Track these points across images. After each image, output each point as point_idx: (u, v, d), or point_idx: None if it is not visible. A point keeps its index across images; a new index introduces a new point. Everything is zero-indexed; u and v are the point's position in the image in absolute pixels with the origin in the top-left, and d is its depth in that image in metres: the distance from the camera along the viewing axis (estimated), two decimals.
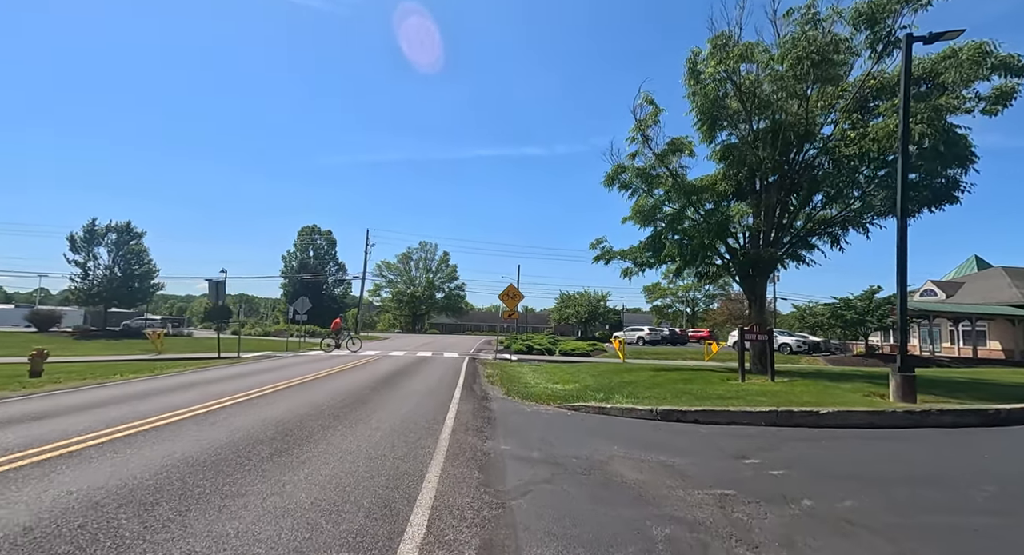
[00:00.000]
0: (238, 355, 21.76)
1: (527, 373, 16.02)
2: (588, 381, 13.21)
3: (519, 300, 21.28)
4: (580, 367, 17.97)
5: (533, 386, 12.45)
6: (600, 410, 8.90)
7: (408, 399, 10.08)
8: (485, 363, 20.47)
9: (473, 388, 12.34)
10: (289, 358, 21.88)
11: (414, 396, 10.54)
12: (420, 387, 12.12)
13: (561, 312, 51.86)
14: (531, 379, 14.15)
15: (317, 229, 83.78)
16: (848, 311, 32.16)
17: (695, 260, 13.62)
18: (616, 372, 15.35)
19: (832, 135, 12.17)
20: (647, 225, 15.92)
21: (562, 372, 16.11)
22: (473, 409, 9.18)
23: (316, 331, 46.77)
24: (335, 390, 11.00)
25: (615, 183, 15.84)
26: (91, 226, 34.76)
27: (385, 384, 12.45)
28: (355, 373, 14.94)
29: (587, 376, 14.51)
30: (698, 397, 9.51)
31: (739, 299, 63.73)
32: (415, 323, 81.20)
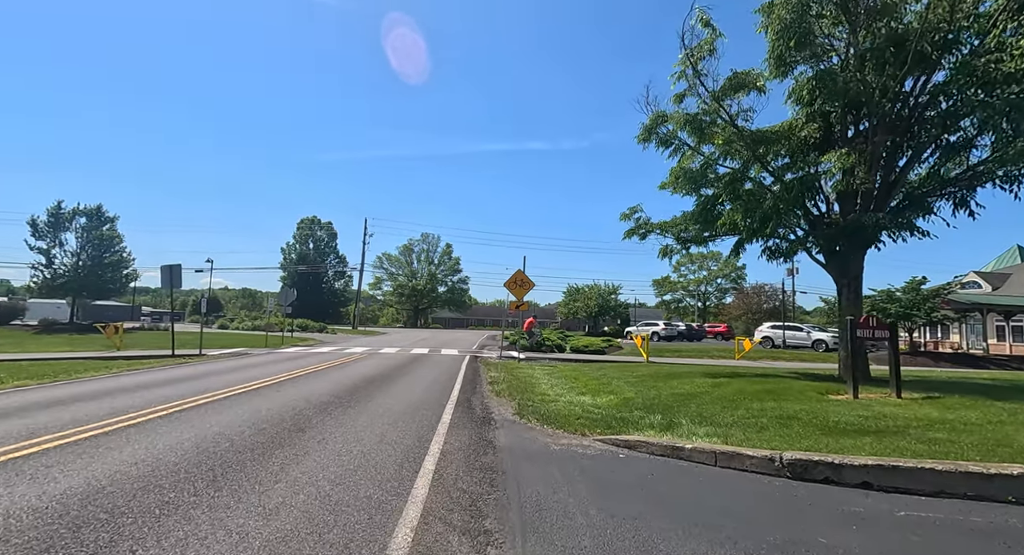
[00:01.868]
0: (199, 353, 18.42)
1: (541, 378, 12.59)
2: (626, 391, 9.77)
3: (528, 288, 17.91)
4: (606, 369, 14.53)
5: (554, 399, 9.03)
6: (672, 451, 5.44)
7: (372, 426, 6.67)
8: (488, 363, 17.05)
9: (472, 403, 8.92)
10: (261, 356, 18.54)
11: (383, 419, 7.12)
12: (399, 401, 8.72)
13: (569, 306, 48.44)
14: (549, 387, 10.73)
15: (317, 221, 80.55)
16: (892, 304, 28.55)
17: (764, 230, 10.14)
18: (655, 377, 11.90)
19: (983, 46, 8.65)
20: (691, 192, 12.42)
21: (586, 376, 12.67)
22: (468, 447, 5.76)
23: (309, 325, 43.52)
24: (273, 407, 7.61)
25: (652, 138, 12.31)
26: (56, 209, 31.34)
27: (353, 395, 9.05)
28: (322, 378, 11.56)
29: (622, 383, 11.06)
30: (825, 428, 6.04)
31: (755, 293, 60.11)
32: (417, 317, 77.94)
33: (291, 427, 6.31)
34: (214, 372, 12.44)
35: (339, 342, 29.32)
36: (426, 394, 9.64)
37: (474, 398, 9.49)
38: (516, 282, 17.86)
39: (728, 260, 73.83)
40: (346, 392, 9.44)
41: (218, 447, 5.21)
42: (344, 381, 11.02)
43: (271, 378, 11.12)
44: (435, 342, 31.15)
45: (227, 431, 5.95)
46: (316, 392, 9.25)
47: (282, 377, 11.36)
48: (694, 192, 12.48)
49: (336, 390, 9.61)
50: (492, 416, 7.71)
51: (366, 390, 9.83)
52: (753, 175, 11.09)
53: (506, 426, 7.03)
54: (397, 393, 9.60)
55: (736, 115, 10.95)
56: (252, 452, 5.09)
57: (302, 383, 10.53)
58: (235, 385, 9.86)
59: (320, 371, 12.98)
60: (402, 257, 78.22)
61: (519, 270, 18.02)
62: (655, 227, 12.46)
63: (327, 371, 13.05)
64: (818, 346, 29.92)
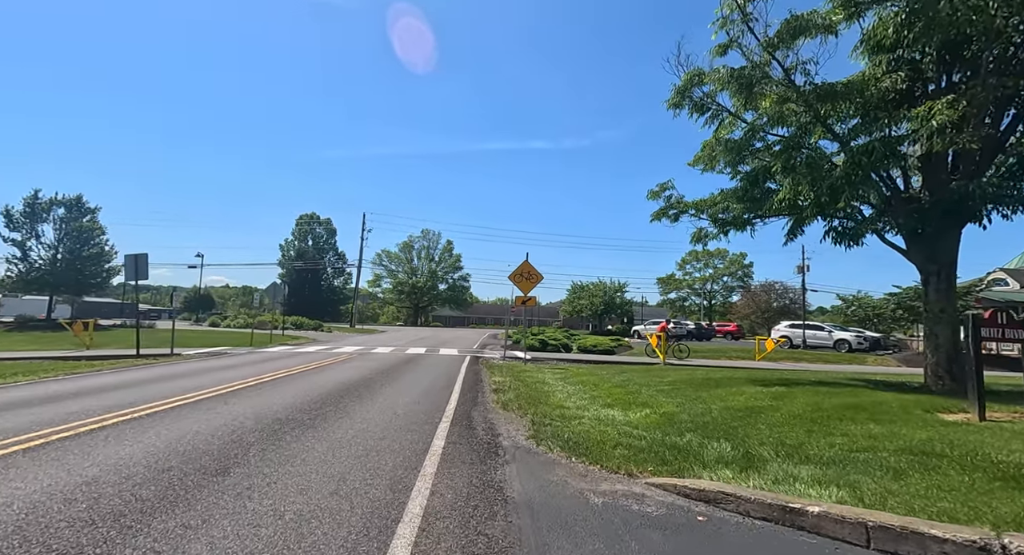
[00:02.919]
0: (171, 352, 16.47)
1: (554, 383, 10.63)
2: (664, 403, 7.80)
3: (536, 282, 15.95)
4: (626, 372, 12.54)
5: (576, 414, 7.07)
6: (783, 515, 3.47)
7: (332, 461, 4.71)
8: (491, 365, 15.09)
9: (472, 419, 6.96)
10: (239, 356, 16.61)
11: (351, 449, 5.16)
12: (379, 417, 6.75)
13: (573, 303, 46.44)
14: (566, 397, 8.76)
15: (316, 217, 78.65)
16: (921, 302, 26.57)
17: (833, 205, 8.12)
18: (691, 384, 9.92)
19: None
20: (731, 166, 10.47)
21: (606, 382, 10.69)
22: (467, 500, 3.80)
23: (304, 323, 41.57)
24: (206, 430, 5.65)
25: (685, 103, 10.33)
26: (33, 199, 29.18)
27: (320, 410, 7.09)
28: (293, 384, 9.60)
29: (653, 391, 9.08)
30: (1000, 474, 4.06)
31: (764, 291, 58.05)
32: (417, 315, 75.97)
33: (211, 467, 4.34)
34: (169, 376, 10.50)
35: (332, 341, 27.38)
36: (415, 406, 7.68)
37: (475, 412, 7.53)
38: (522, 275, 15.89)
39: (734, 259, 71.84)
40: (314, 405, 7.47)
41: (63, 516, 3.25)
42: (317, 389, 9.05)
43: (230, 385, 9.17)
44: (434, 341, 29.20)
45: (110, 476, 4.00)
46: (275, 405, 7.29)
47: (245, 383, 9.41)
48: (733, 167, 10.52)
49: (302, 402, 7.65)
50: (499, 441, 5.74)
51: (341, 402, 7.86)
52: (812, 141, 9.14)
53: (519, 458, 5.07)
54: (379, 405, 7.64)
55: (792, 68, 8.97)
56: (115, 523, 3.13)
57: (266, 391, 8.58)
58: (179, 395, 7.90)
59: (295, 375, 11.02)
60: (402, 254, 76.26)
61: (525, 261, 16.06)
62: (689, 207, 10.48)
63: (304, 375, 11.09)
64: (840, 346, 27.92)
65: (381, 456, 4.88)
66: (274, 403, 7.41)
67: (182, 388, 8.62)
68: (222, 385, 9.04)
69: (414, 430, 6.05)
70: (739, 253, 67.86)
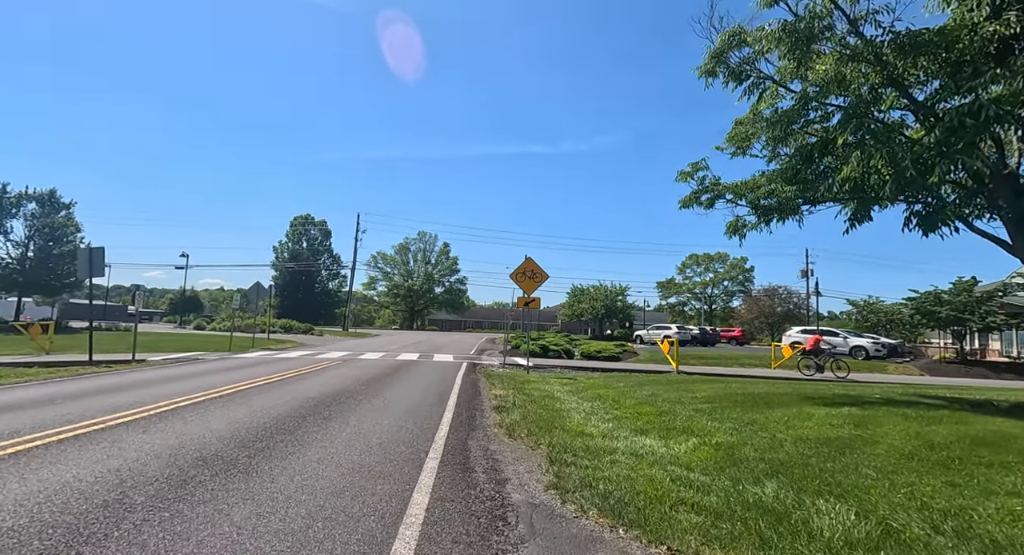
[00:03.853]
0: (132, 358, 14.63)
1: (567, 400, 8.89)
2: (713, 430, 6.07)
3: (541, 281, 14.23)
4: (646, 384, 10.78)
5: (605, 447, 5.34)
6: None
7: (255, 539, 2.96)
8: (491, 374, 13.34)
9: (470, 454, 5.21)
10: (210, 362, 14.82)
11: (291, 511, 3.41)
12: (341, 455, 5.00)
13: (573, 307, 44.72)
14: (584, 418, 7.03)
15: (311, 219, 76.80)
16: (941, 307, 24.97)
17: (921, 182, 6.44)
18: (734, 402, 8.19)
19: None
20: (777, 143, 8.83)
21: (627, 397, 8.95)
22: None
23: (294, 326, 39.69)
24: (104, 475, 3.90)
25: (719, 70, 8.69)
26: (1, 192, 27.08)
27: (267, 442, 5.32)
28: (250, 400, 7.81)
29: (690, 411, 7.35)
30: None
31: (767, 295, 56.51)
32: (413, 319, 74.11)
33: None
34: (106, 389, 8.70)
35: (319, 345, 25.57)
36: (397, 433, 5.92)
37: (473, 440, 5.80)
38: (525, 273, 14.16)
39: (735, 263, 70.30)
40: (262, 433, 5.71)
41: None
42: (278, 407, 7.29)
43: (172, 401, 7.38)
44: (429, 346, 27.42)
45: None
46: (209, 433, 5.52)
47: (191, 399, 7.63)
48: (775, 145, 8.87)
49: (249, 428, 5.89)
50: (507, 494, 4.00)
51: (301, 427, 6.09)
52: (883, 108, 7.50)
53: (540, 528, 3.34)
54: (349, 432, 5.89)
55: (861, 18, 7.33)
56: None
57: (212, 410, 6.80)
58: (93, 417, 6.12)
59: (260, 387, 9.24)
60: (398, 256, 74.47)
61: (529, 259, 14.35)
62: (726, 190, 8.81)
63: (270, 387, 9.31)
64: (857, 353, 26.27)
65: (331, 531, 3.13)
66: (210, 430, 5.64)
67: (105, 407, 6.84)
68: (160, 402, 7.26)
69: (389, 476, 4.29)
70: (740, 257, 66.47)
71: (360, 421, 6.50)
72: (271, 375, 11.18)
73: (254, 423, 6.07)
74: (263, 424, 6.05)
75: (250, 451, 4.84)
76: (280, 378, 10.72)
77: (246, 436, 5.41)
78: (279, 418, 6.44)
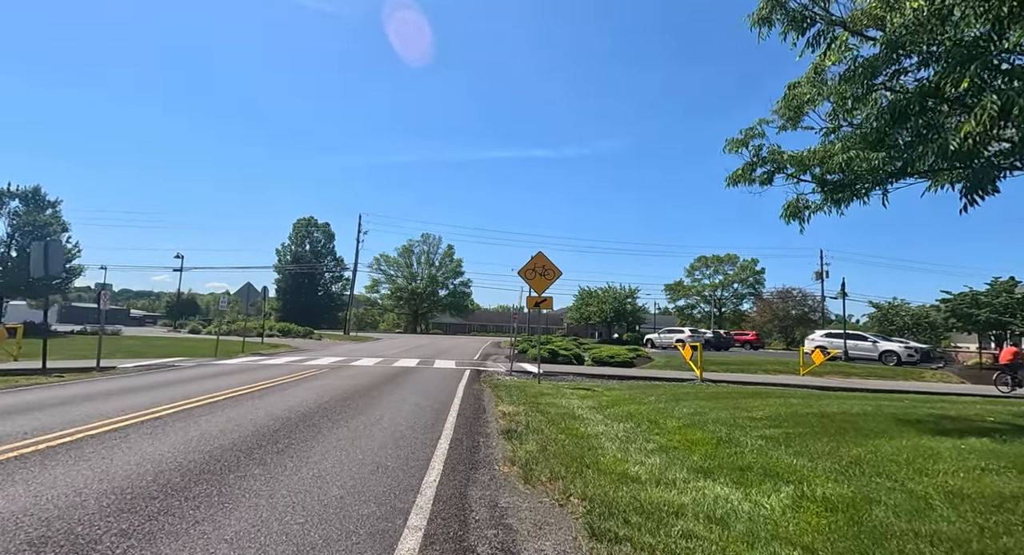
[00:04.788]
0: (97, 365, 13.01)
1: (592, 419, 7.17)
2: (815, 478, 4.33)
3: (554, 278, 12.53)
4: (692, 403, 8.95)
5: (667, 502, 3.64)
6: None
7: None
8: (497, 385, 11.66)
9: (469, 515, 3.50)
10: (187, 370, 13.21)
11: None
12: (295, 510, 3.32)
13: (581, 310, 42.95)
14: (621, 449, 5.32)
15: (314, 221, 75.43)
16: (979, 309, 23.09)
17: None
18: (809, 426, 6.43)
19: None
20: (843, 106, 7.13)
21: (670, 418, 7.20)
22: None
23: (292, 329, 38.14)
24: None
25: (776, 17, 7.03)
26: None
27: (185, 492, 3.65)
28: (210, 418, 6.14)
29: (761, 441, 5.61)
30: None
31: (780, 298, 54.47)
32: (416, 322, 72.51)
33: None
34: (36, 405, 7.06)
35: (315, 350, 23.97)
36: (369, 479, 4.23)
37: (476, 489, 4.10)
38: (536, 270, 12.46)
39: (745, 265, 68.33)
40: (188, 475, 4.03)
41: None
42: (221, 435, 5.61)
43: (85, 428, 5.73)
44: (430, 350, 25.75)
45: None
46: (84, 491, 3.85)
47: (113, 424, 5.97)
48: (851, 106, 7.16)
49: (174, 467, 4.22)
50: None
51: (242, 465, 4.41)
52: (1009, 45, 5.84)
53: None
54: (299, 481, 4.19)
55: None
56: None
57: (128, 442, 5.14)
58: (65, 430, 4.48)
59: (218, 403, 7.59)
60: (401, 258, 72.94)
61: (540, 254, 12.65)
62: (790, 162, 7.11)
63: (232, 403, 7.65)
64: (888, 358, 24.40)
65: None
66: (96, 482, 3.96)
67: (9, 432, 5.19)
68: (70, 429, 5.61)
69: None
70: (750, 259, 64.55)
71: (324, 458, 4.81)
72: (242, 386, 9.52)
73: (174, 464, 4.39)
74: (186, 465, 4.37)
75: (146, 516, 3.16)
76: (251, 390, 9.06)
77: (144, 491, 3.72)
78: (215, 454, 4.77)
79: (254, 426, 5.98)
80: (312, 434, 5.72)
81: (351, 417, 6.86)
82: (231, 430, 5.72)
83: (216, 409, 7.03)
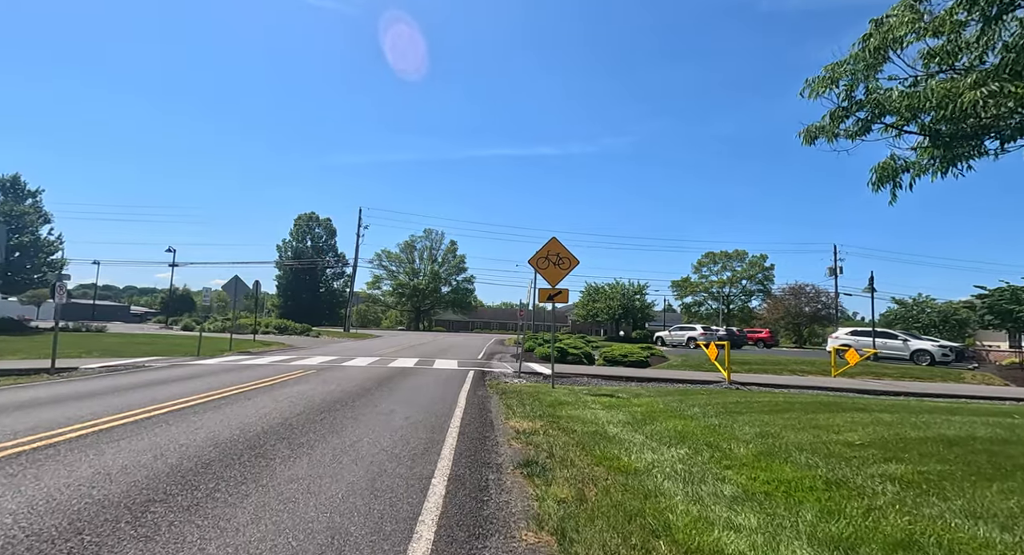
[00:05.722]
0: (51, 366, 11.38)
1: (634, 442, 5.49)
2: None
3: (570, 268, 10.83)
4: (752, 418, 7.24)
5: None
6: None
7: None
8: (505, 389, 10.01)
9: None
10: (154, 372, 11.61)
11: None
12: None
13: (588, 307, 41.23)
14: (690, 495, 3.66)
15: (315, 217, 73.87)
16: (1021, 306, 21.31)
17: None
18: (944, 461, 4.73)
19: None
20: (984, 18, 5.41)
21: (730, 438, 5.52)
22: None
23: (289, 326, 36.56)
24: None
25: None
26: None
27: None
28: (131, 443, 4.53)
29: (896, 487, 3.91)
30: None
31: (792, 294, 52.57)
32: (419, 319, 70.93)
33: None
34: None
35: (307, 348, 22.37)
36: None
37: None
38: (549, 258, 10.78)
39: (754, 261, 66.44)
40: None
41: None
42: (127, 471, 3.97)
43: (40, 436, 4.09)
44: (431, 348, 24.12)
45: None
46: None
47: (27, 444, 4.34)
48: (986, 28, 5.43)
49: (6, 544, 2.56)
50: None
51: (122, 543, 2.76)
52: None
53: None
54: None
55: None
56: None
57: (12, 480, 3.50)
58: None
59: (154, 419, 5.96)
60: (403, 254, 71.33)
61: (554, 240, 10.96)
62: (897, 105, 5.39)
63: (177, 417, 6.02)
64: (920, 358, 22.62)
65: None
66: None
67: None
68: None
69: None
70: (759, 254, 62.66)
71: (256, 520, 3.15)
72: (200, 394, 7.89)
73: (39, 527, 2.73)
74: (53, 528, 2.71)
75: None
76: (208, 399, 7.42)
77: None
78: (83, 516, 3.11)
79: (178, 458, 4.33)
80: (255, 472, 4.07)
81: (319, 440, 5.20)
82: (139, 467, 4.07)
83: (143, 429, 5.38)
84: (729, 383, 14.30)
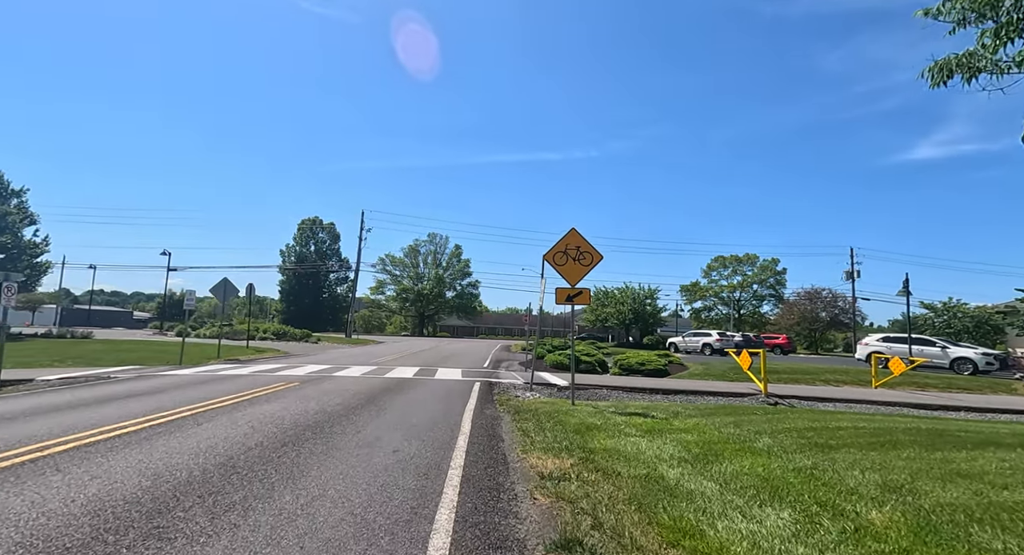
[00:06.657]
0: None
1: (713, 500, 3.87)
2: None
3: (592, 265, 9.24)
4: (858, 456, 5.56)
5: None
6: None
7: None
8: (519, 409, 8.38)
9: None
10: (116, 385, 10.07)
11: None
12: None
13: (597, 312, 39.55)
14: None
15: (319, 222, 72.62)
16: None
17: None
18: None
19: None
20: None
21: (867, 501, 3.90)
22: None
23: (288, 332, 35.07)
24: None
25: None
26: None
27: None
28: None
29: None
30: None
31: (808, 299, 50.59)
32: (423, 325, 69.35)
33: None
34: None
35: (301, 355, 20.81)
36: None
37: None
38: (568, 252, 9.18)
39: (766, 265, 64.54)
40: None
41: None
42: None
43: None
44: (434, 355, 22.52)
45: None
46: None
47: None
48: None
49: None
50: None
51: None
52: None
53: None
54: None
55: None
56: None
57: None
58: None
59: (43, 459, 4.40)
60: (407, 259, 69.89)
61: (573, 231, 9.37)
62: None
63: (84, 456, 4.47)
64: (962, 367, 20.80)
65: None
66: None
67: None
68: None
69: None
70: (771, 258, 60.79)
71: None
72: (145, 417, 6.32)
73: None
74: None
75: None
76: (150, 424, 5.85)
77: None
78: None
79: (68, 528, 2.74)
80: None
81: (262, 498, 3.60)
82: None
83: (23, 479, 3.80)
84: (766, 396, 12.63)
